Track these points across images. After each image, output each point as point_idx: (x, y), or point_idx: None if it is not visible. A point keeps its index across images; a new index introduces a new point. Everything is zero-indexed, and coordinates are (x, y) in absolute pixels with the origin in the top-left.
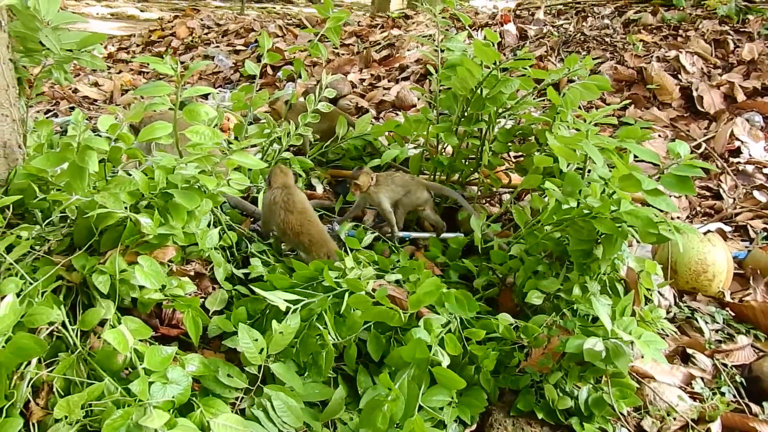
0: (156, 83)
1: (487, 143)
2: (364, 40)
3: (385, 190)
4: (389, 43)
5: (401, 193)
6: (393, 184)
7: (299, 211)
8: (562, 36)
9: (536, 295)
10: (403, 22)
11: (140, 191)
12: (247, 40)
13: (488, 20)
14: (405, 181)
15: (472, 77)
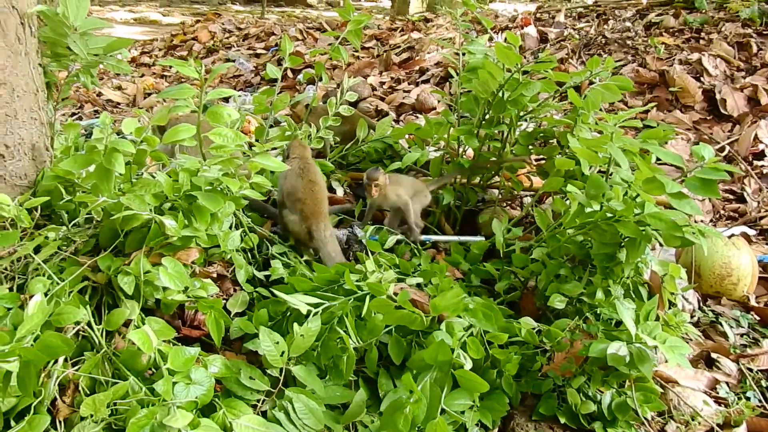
0: (180, 86)
1: (509, 146)
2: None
3: (402, 190)
4: (409, 46)
5: (411, 193)
6: (404, 184)
7: (309, 180)
8: (583, 39)
9: (559, 298)
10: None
11: (164, 193)
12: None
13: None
14: (413, 181)
15: (493, 80)
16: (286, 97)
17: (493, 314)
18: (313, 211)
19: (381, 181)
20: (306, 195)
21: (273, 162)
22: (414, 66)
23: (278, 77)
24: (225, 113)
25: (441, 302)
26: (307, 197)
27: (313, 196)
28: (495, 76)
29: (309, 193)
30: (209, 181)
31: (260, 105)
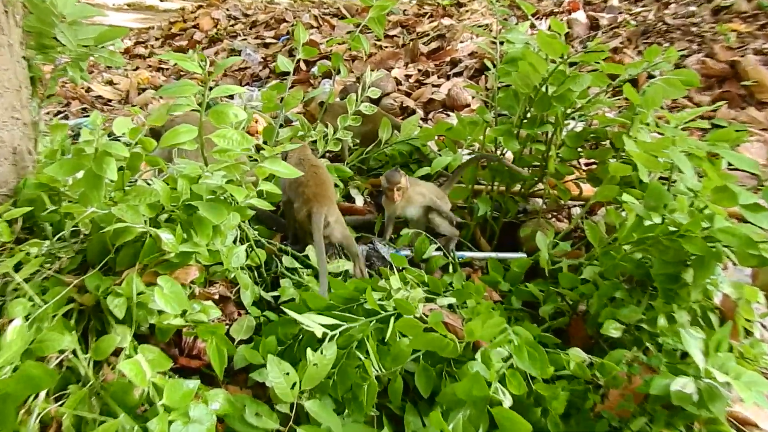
0: (181, 82)
1: (554, 148)
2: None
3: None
4: (439, 34)
5: (430, 197)
6: (423, 184)
7: (311, 164)
8: (640, 25)
9: (614, 325)
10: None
11: (161, 203)
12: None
13: (553, 8)
14: (431, 186)
15: (535, 73)
16: (299, 92)
17: (539, 356)
18: (315, 192)
19: (403, 183)
20: (308, 177)
21: (284, 167)
22: (445, 57)
23: (290, 70)
24: (230, 112)
25: (477, 327)
26: (309, 179)
27: (315, 178)
28: (538, 68)
29: (311, 176)
30: (211, 190)
31: (269, 102)
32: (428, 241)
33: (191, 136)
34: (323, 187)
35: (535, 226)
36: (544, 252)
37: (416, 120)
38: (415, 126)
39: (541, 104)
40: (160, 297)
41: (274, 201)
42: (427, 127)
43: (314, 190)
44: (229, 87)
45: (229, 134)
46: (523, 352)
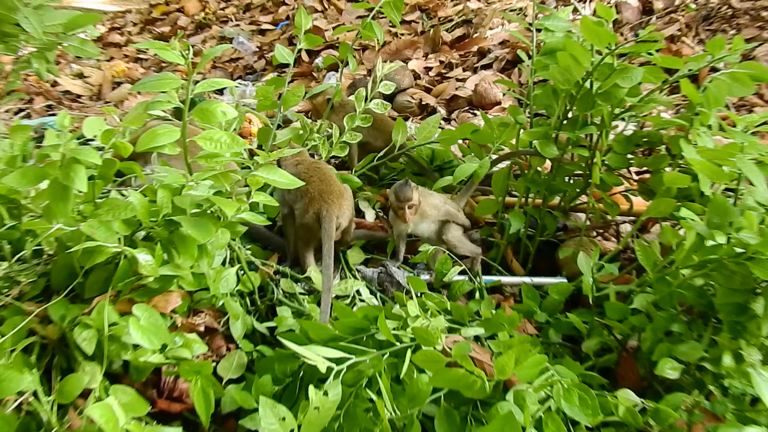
0: (161, 75)
1: (599, 155)
2: (432, 16)
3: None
4: (465, 20)
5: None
6: (439, 198)
7: (311, 162)
8: (701, 9)
9: (670, 365)
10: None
11: (138, 219)
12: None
13: None
14: (443, 197)
15: (578, 66)
16: (301, 88)
17: (590, 400)
18: (321, 189)
19: (416, 199)
20: (311, 173)
21: (281, 176)
22: (471, 46)
23: (290, 62)
24: (219, 111)
25: (509, 362)
26: (312, 174)
27: (319, 173)
28: (580, 60)
29: (314, 171)
30: (197, 203)
31: (265, 99)
32: (451, 261)
33: (172, 139)
34: (329, 183)
35: (577, 245)
36: (587, 276)
37: (437, 120)
38: (436, 127)
39: (584, 103)
40: (136, 329)
41: (269, 215)
42: (449, 129)
43: (320, 186)
44: (218, 81)
45: (218, 137)
46: (573, 394)
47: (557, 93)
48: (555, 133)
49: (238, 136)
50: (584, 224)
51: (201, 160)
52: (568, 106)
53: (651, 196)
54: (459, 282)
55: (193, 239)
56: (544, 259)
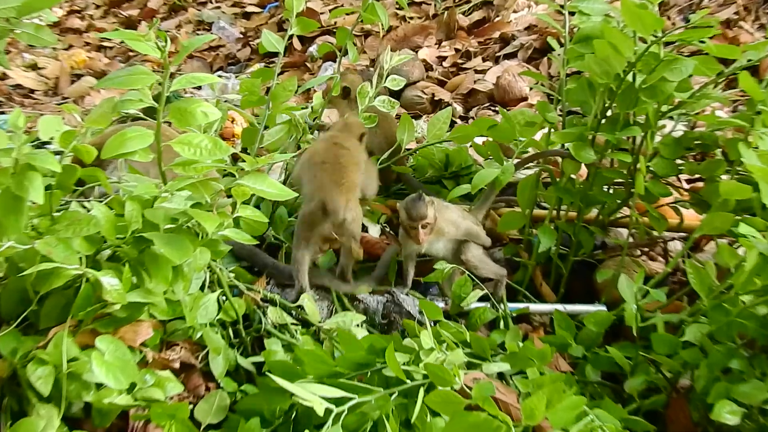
0: (132, 69)
1: (644, 160)
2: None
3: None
4: (485, 2)
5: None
6: (453, 209)
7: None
8: None
9: (729, 408)
10: None
11: (102, 235)
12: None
13: None
14: (461, 210)
15: (618, 56)
16: (293, 81)
17: None
18: (332, 179)
19: (431, 217)
20: (325, 157)
21: (270, 185)
22: (492, 32)
23: (280, 51)
24: (198, 111)
25: (539, 405)
26: (326, 160)
27: (334, 160)
28: (621, 49)
29: (329, 156)
30: (171, 217)
31: (251, 94)
32: (470, 284)
33: (144, 144)
34: (343, 175)
35: (618, 267)
36: (630, 303)
37: (448, 115)
38: (447, 124)
39: (625, 99)
40: (100, 365)
41: (256, 232)
42: (463, 125)
43: (331, 176)
44: (199, 76)
45: (197, 141)
46: None
47: (594, 87)
48: (591, 134)
49: (221, 140)
50: (626, 242)
51: (177, 167)
52: (606, 103)
53: (705, 208)
54: (480, 309)
55: (167, 260)
56: (580, 283)
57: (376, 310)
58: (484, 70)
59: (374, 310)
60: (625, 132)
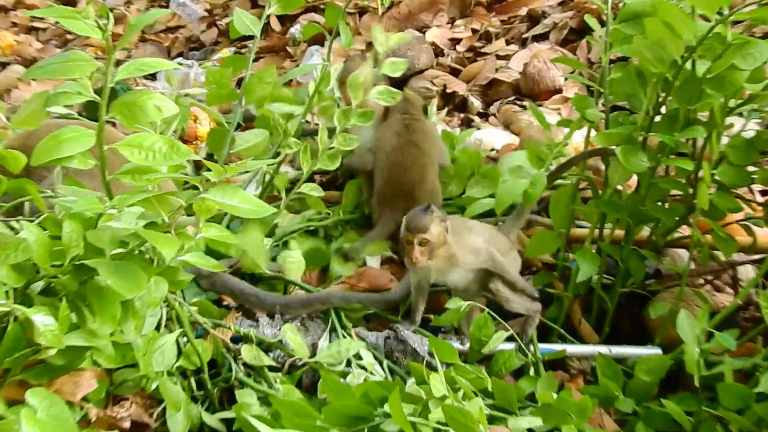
0: (68, 55)
1: (708, 167)
2: None
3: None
4: None
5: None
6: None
7: (408, 140)
8: None
9: None
10: None
11: (34, 263)
12: None
13: None
14: (488, 230)
15: (675, 39)
16: (271, 70)
17: None
18: (396, 191)
19: (434, 232)
20: (395, 160)
21: (243, 200)
22: (518, 8)
23: (255, 33)
24: (150, 105)
25: None
26: (397, 164)
27: (400, 166)
28: (679, 30)
29: (401, 158)
30: (120, 239)
31: (220, 87)
32: (492, 324)
33: (84, 147)
34: (409, 183)
35: (676, 300)
36: (691, 346)
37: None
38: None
39: (685, 92)
40: (31, 425)
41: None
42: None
43: (393, 187)
44: (151, 61)
45: (150, 143)
46: None
47: (644, 78)
48: (642, 135)
49: (180, 142)
50: (686, 268)
51: (125, 176)
52: (661, 97)
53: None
54: (505, 353)
55: (115, 293)
56: (628, 320)
57: (376, 346)
58: (507, 56)
59: (374, 347)
60: (685, 133)
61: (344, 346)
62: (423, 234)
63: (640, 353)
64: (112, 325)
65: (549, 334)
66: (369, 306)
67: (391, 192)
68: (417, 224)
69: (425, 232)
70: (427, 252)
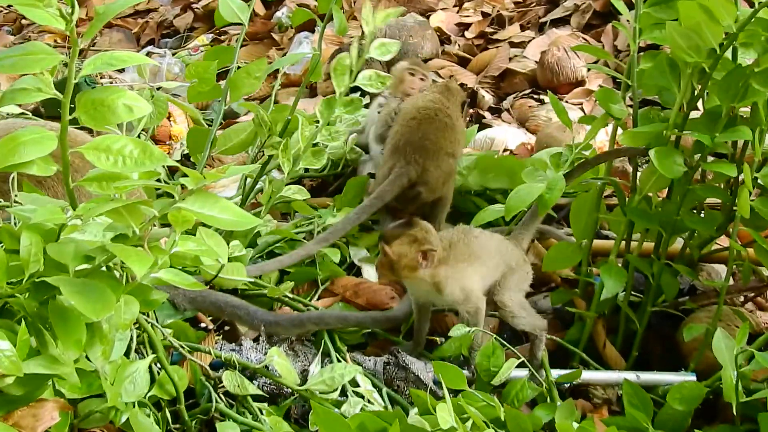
0: (26, 47)
1: (750, 171)
2: None
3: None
4: None
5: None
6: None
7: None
8: None
9: None
10: None
11: None
12: None
13: None
14: (498, 244)
15: (714, 24)
16: (262, 63)
17: None
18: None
19: (402, 251)
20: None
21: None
22: None
23: (243, 21)
24: (120, 104)
25: None
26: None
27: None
28: (717, 15)
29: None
30: (85, 254)
31: (202, 81)
32: (502, 351)
33: (45, 151)
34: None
35: (713, 320)
36: (729, 370)
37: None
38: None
39: (726, 86)
40: None
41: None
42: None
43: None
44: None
45: (118, 146)
46: None
47: (678, 69)
48: (675, 134)
49: (152, 144)
50: (725, 284)
51: (91, 184)
52: (696, 91)
53: None
54: (518, 382)
55: (79, 315)
56: (659, 343)
57: (375, 372)
58: (522, 43)
59: (370, 372)
60: (729, 134)
61: (338, 372)
62: (385, 246)
63: (672, 380)
64: (77, 350)
65: (570, 359)
66: (369, 326)
67: (405, 141)
68: (385, 234)
69: (387, 243)
70: (387, 268)
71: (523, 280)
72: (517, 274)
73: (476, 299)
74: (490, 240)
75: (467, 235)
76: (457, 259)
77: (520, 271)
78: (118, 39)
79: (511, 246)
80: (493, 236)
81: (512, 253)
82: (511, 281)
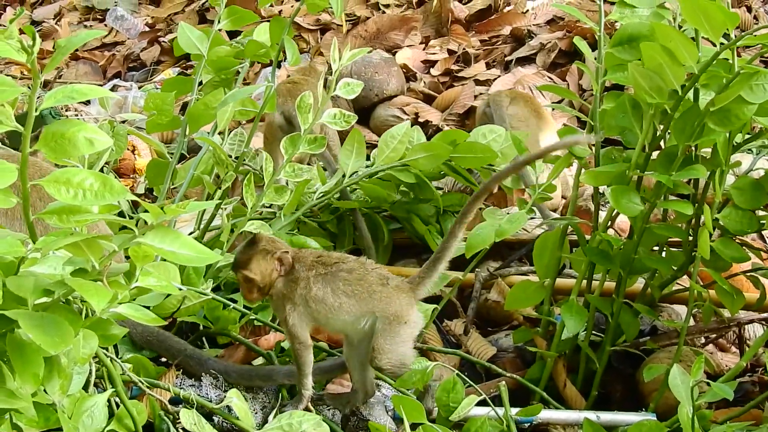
0: None
1: (710, 212)
2: None
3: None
4: None
5: (365, 303)
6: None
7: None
8: None
9: None
10: None
11: None
12: None
13: None
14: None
15: (675, 65)
16: (219, 94)
17: None
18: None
19: (254, 268)
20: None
21: (184, 245)
22: (500, 27)
23: (202, 52)
24: (81, 137)
25: None
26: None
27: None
28: (679, 56)
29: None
30: (44, 288)
31: (161, 113)
32: (461, 386)
33: (5, 183)
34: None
35: (674, 360)
36: (685, 410)
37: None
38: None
39: (685, 126)
40: None
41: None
42: (424, 143)
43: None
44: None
45: (79, 178)
46: None
47: (640, 109)
48: (637, 174)
49: (114, 178)
50: (685, 325)
51: (51, 217)
52: (658, 131)
53: None
54: (478, 419)
55: (38, 348)
56: (620, 383)
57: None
58: (488, 81)
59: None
60: (684, 173)
61: (296, 419)
62: (244, 270)
63: (632, 420)
64: (35, 384)
65: (530, 398)
66: (322, 378)
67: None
68: (237, 260)
69: (245, 268)
70: (255, 289)
71: (399, 342)
72: (396, 323)
73: (290, 320)
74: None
75: (341, 260)
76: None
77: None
78: (84, 72)
79: (391, 293)
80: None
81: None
82: (391, 320)
